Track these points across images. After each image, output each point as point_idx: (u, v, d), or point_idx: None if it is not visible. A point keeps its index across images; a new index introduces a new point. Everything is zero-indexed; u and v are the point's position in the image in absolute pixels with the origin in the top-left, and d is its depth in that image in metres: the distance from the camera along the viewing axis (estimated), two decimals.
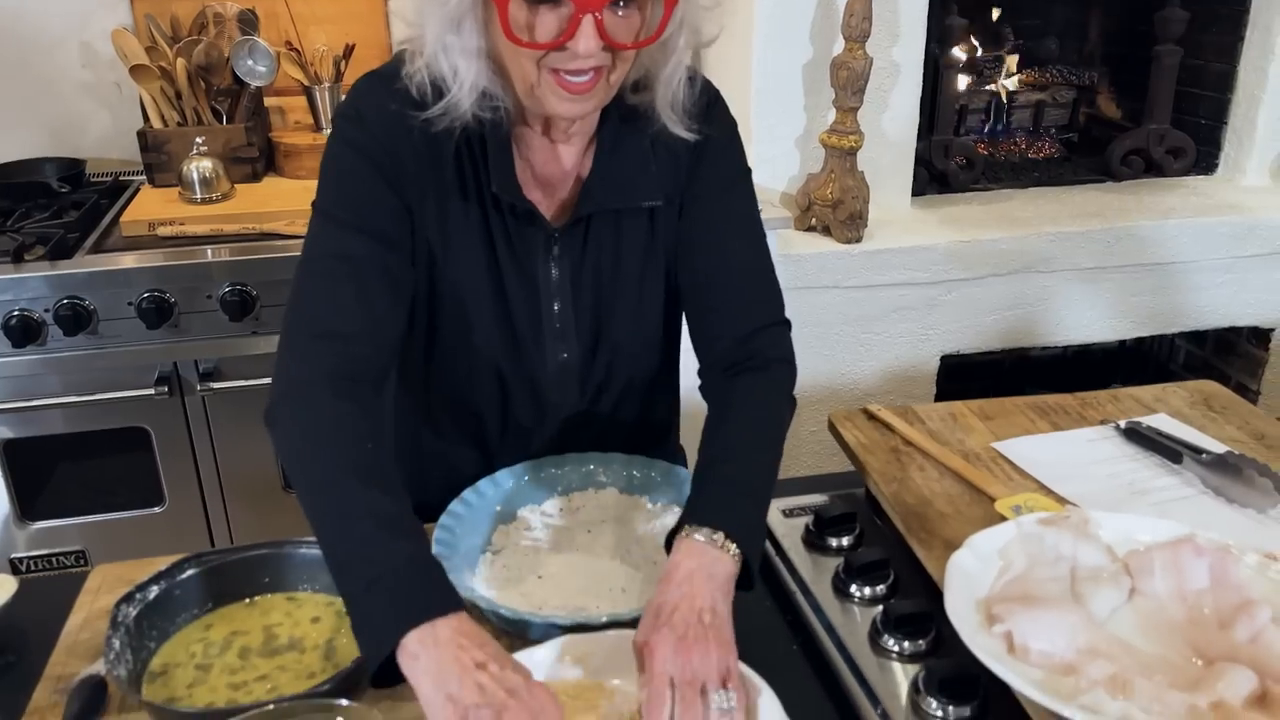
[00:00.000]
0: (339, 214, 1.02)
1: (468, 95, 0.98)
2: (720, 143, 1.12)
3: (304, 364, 0.97)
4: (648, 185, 1.10)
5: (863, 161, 2.12)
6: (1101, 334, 2.33)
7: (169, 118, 2.11)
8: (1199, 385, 1.36)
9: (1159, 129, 2.49)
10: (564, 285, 1.12)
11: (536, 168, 1.09)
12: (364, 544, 0.87)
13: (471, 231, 1.08)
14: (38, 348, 1.86)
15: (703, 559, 0.91)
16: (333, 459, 0.92)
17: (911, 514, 1.08)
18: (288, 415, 0.95)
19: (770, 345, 1.13)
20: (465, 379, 1.16)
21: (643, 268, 1.14)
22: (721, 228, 1.14)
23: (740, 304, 1.13)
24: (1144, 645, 0.88)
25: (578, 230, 1.11)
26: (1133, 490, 1.13)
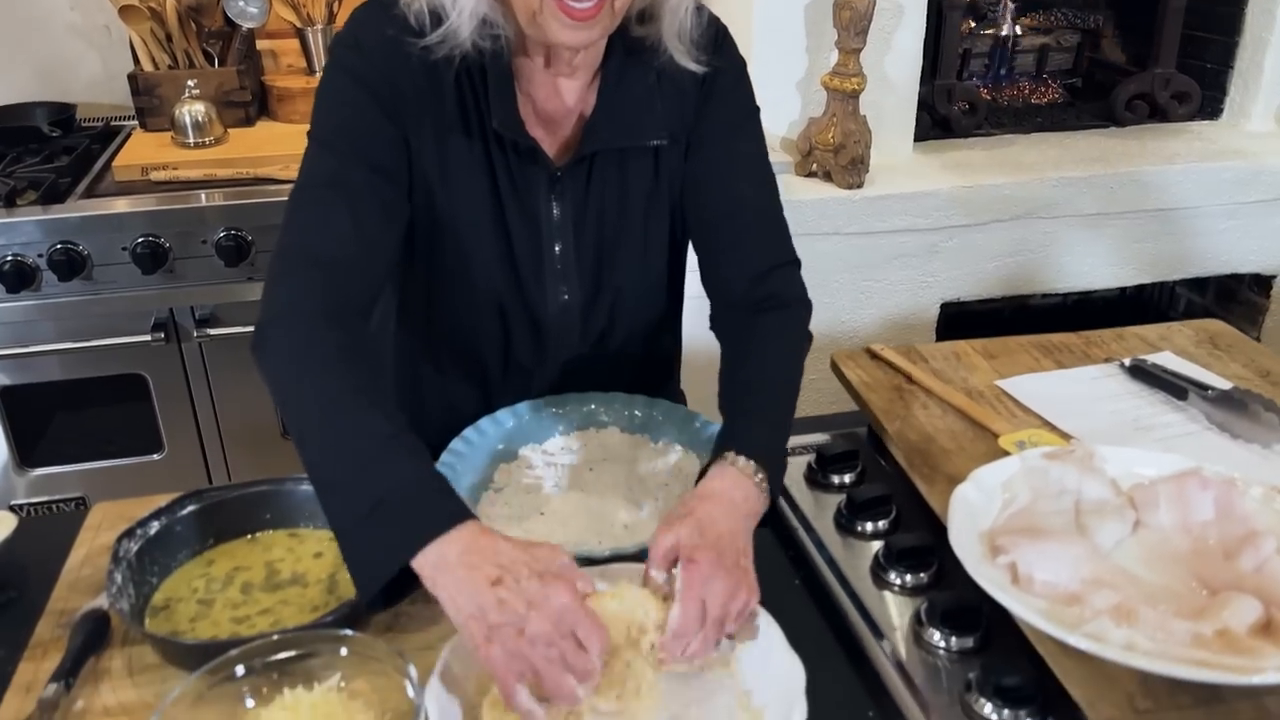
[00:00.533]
0: (334, 142, 1.00)
1: (467, 22, 0.96)
2: (729, 80, 1.10)
3: (293, 291, 0.95)
4: (653, 123, 1.08)
5: (865, 105, 2.09)
6: (1103, 280, 2.31)
7: (159, 61, 2.07)
8: (1204, 324, 1.35)
9: (1164, 73, 2.45)
10: (566, 225, 1.10)
11: (538, 103, 1.07)
12: (363, 466, 0.85)
13: (473, 166, 1.06)
14: (32, 293, 1.84)
15: (748, 493, 0.91)
16: (324, 382, 0.90)
17: (914, 450, 1.08)
18: (275, 341, 0.93)
19: (785, 285, 1.13)
20: (467, 317, 1.15)
21: (647, 208, 1.13)
22: (731, 167, 1.12)
23: (752, 244, 1.13)
24: (1149, 576, 0.88)
25: (581, 169, 1.08)
26: (1137, 426, 1.12)
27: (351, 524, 0.84)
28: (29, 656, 0.92)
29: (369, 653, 0.84)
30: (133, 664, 0.91)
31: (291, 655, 0.84)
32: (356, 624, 0.91)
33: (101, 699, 0.87)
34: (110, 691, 0.88)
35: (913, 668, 0.88)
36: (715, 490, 0.90)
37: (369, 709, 0.82)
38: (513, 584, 0.78)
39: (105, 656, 0.92)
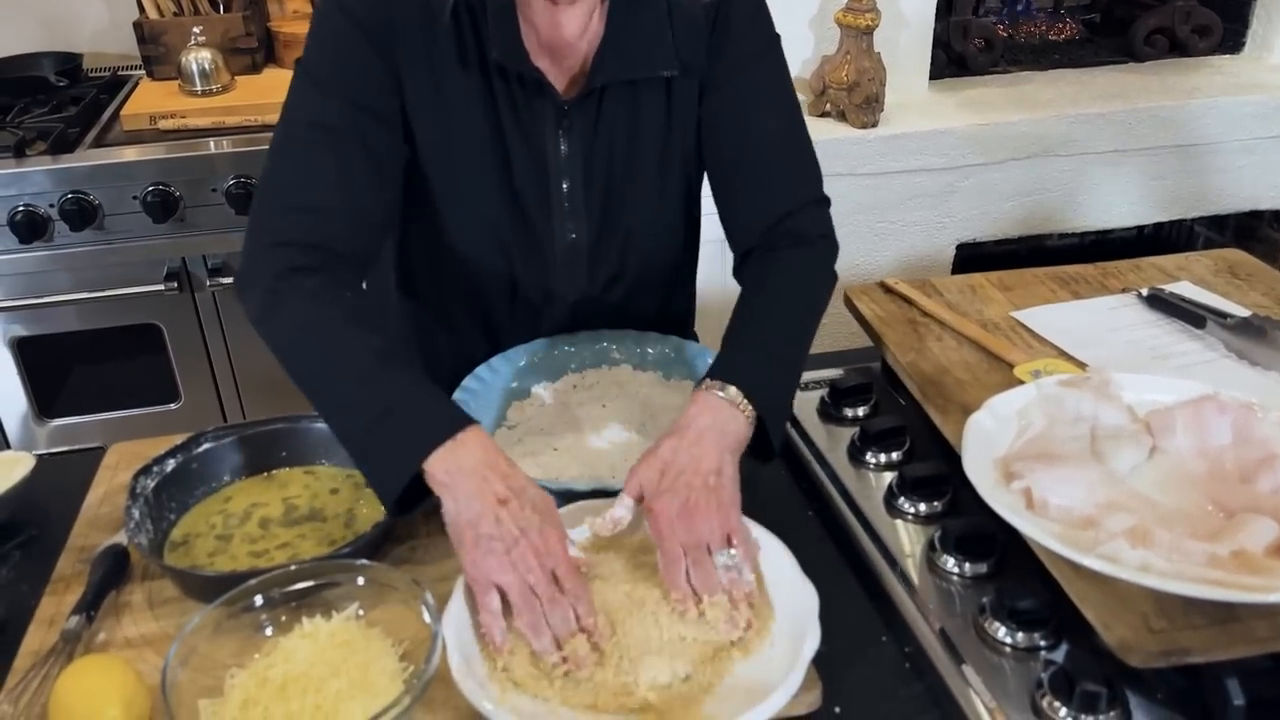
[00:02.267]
0: (322, 78, 0.99)
1: None
2: (744, 13, 1.07)
3: (279, 234, 0.95)
4: (664, 53, 1.04)
5: (879, 42, 2.06)
6: (1121, 219, 2.28)
7: (165, 8, 2.05)
8: (1223, 253, 1.33)
9: (1185, 6, 2.40)
10: (574, 162, 1.08)
11: (542, 34, 1.03)
12: (362, 380, 0.88)
13: (473, 103, 1.04)
14: (45, 244, 1.84)
15: (717, 416, 0.90)
16: (311, 312, 0.91)
17: (929, 382, 1.07)
18: (260, 280, 0.93)
19: (810, 223, 1.09)
20: (472, 258, 1.13)
21: (660, 145, 1.10)
22: (749, 103, 1.08)
23: (774, 184, 1.09)
24: (1165, 499, 0.88)
25: (589, 103, 1.06)
26: (1155, 355, 1.11)
27: (362, 436, 0.88)
28: (51, 591, 0.93)
29: (386, 582, 0.85)
30: (153, 597, 0.92)
31: (309, 585, 0.85)
32: (374, 556, 0.92)
33: (123, 630, 0.89)
34: (131, 624, 0.89)
35: (926, 593, 0.88)
36: (683, 422, 0.90)
37: (387, 637, 0.82)
38: (516, 509, 0.81)
39: (125, 591, 0.93)
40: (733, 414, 0.90)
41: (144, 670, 0.82)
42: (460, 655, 0.78)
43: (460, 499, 0.82)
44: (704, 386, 0.92)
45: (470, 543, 0.81)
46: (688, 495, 0.85)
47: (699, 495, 0.85)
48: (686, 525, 0.84)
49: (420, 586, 0.82)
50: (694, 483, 0.85)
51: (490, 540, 0.80)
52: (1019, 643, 0.83)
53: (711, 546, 0.84)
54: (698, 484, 0.85)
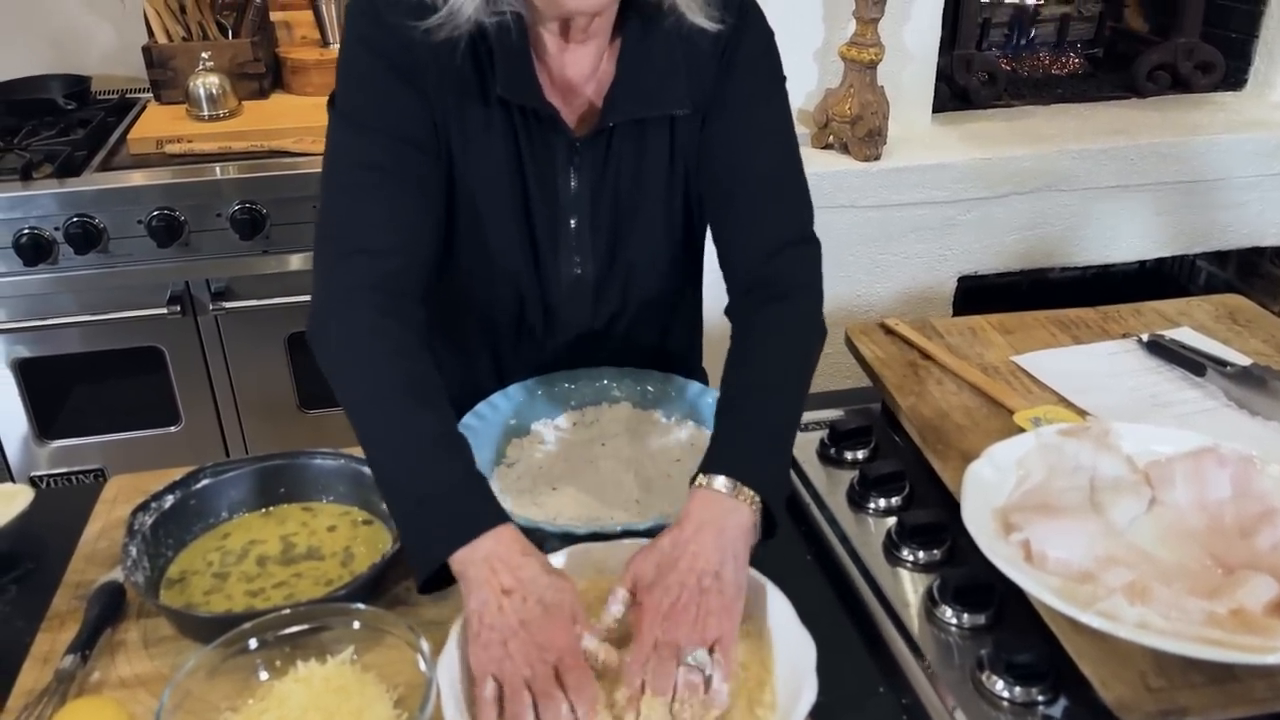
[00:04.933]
0: (360, 118, 1.00)
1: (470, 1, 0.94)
2: (754, 47, 1.07)
3: (341, 281, 0.96)
4: (675, 92, 1.05)
5: (882, 76, 2.07)
6: (1123, 254, 2.29)
7: (174, 33, 2.07)
8: (1224, 299, 1.33)
9: (1187, 43, 2.41)
10: (583, 198, 1.09)
11: (555, 73, 1.05)
12: (412, 465, 0.89)
13: (494, 135, 1.04)
14: (50, 266, 1.85)
15: (716, 510, 0.87)
16: (377, 376, 0.92)
17: (928, 426, 1.07)
18: (329, 333, 0.95)
19: (795, 268, 1.08)
20: (481, 286, 1.14)
21: (665, 181, 1.10)
22: (746, 136, 1.08)
23: (761, 217, 1.08)
24: (1164, 554, 0.87)
25: (600, 140, 1.07)
26: (1155, 403, 1.11)
27: (403, 516, 0.88)
28: (46, 628, 0.93)
29: (382, 626, 0.84)
30: (148, 636, 0.92)
31: (305, 628, 0.85)
32: (369, 598, 0.91)
33: (117, 670, 0.88)
34: (126, 663, 0.89)
35: (925, 644, 0.88)
36: (684, 518, 0.88)
37: (381, 682, 0.82)
38: (519, 600, 0.81)
39: (121, 628, 0.93)
40: (733, 506, 0.88)
41: (137, 712, 0.82)
42: (454, 702, 0.78)
43: (470, 587, 0.82)
44: (699, 482, 0.90)
45: (473, 633, 0.81)
46: (679, 594, 0.82)
47: (689, 596, 0.82)
48: (667, 624, 0.81)
49: (415, 633, 0.82)
50: (687, 581, 0.83)
51: (490, 631, 0.79)
52: (1016, 697, 0.82)
53: (683, 649, 0.80)
54: (691, 583, 0.83)
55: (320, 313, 0.96)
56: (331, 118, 1.01)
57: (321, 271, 0.98)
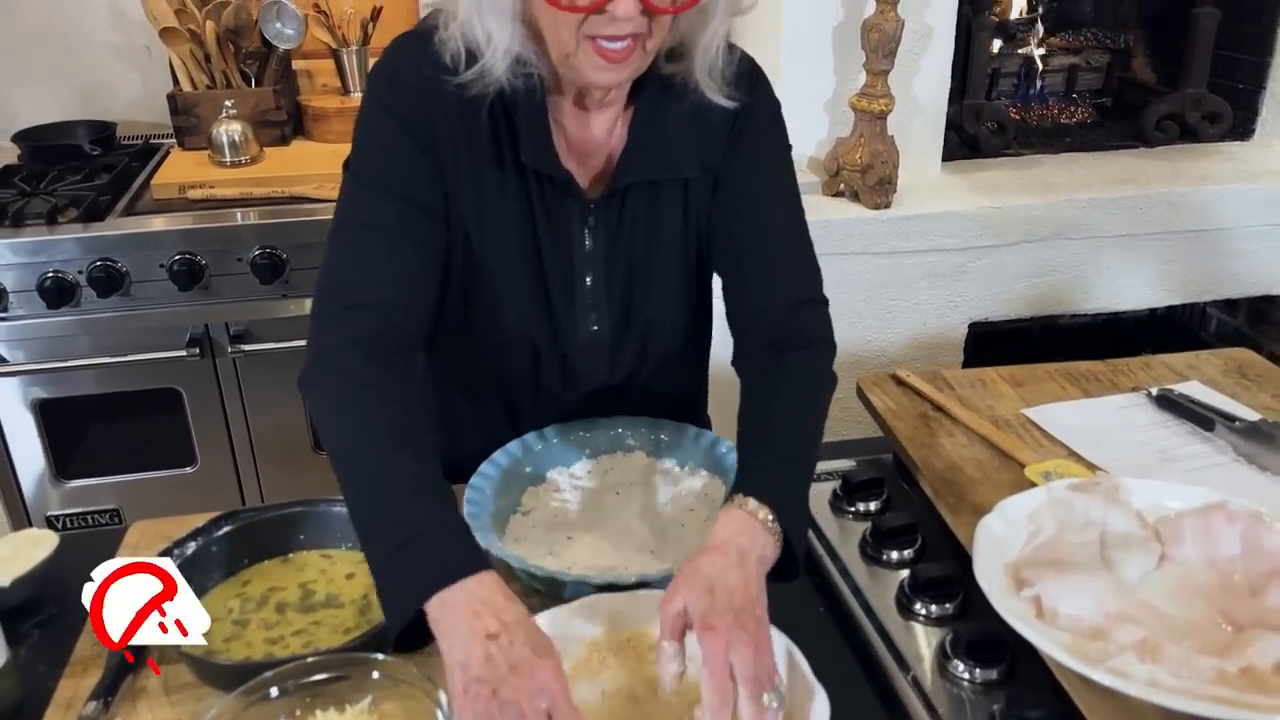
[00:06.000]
0: (371, 178, 1.03)
1: (501, 60, 0.97)
2: (763, 118, 1.11)
3: (336, 333, 0.98)
4: (685, 156, 1.08)
5: (893, 126, 2.10)
6: (1133, 302, 2.30)
7: (198, 81, 2.12)
8: (1232, 353, 1.34)
9: (1195, 93, 2.44)
10: (598, 257, 1.12)
11: (571, 136, 1.08)
12: (390, 507, 0.87)
13: (507, 198, 1.07)
14: (72, 309, 1.88)
15: (755, 538, 0.88)
16: (361, 423, 0.93)
17: (940, 479, 1.09)
18: (319, 382, 0.97)
19: (811, 323, 1.11)
20: (497, 344, 1.16)
21: (678, 241, 1.13)
22: (760, 200, 1.12)
23: (779, 277, 1.12)
24: (1174, 611, 0.88)
25: (614, 201, 1.10)
26: (1164, 457, 1.12)
27: (379, 563, 0.87)
28: (69, 674, 0.94)
29: (400, 676, 0.85)
30: (169, 682, 0.93)
31: (324, 678, 0.86)
32: (387, 647, 0.92)
33: (139, 717, 0.90)
34: (147, 710, 0.90)
35: (938, 699, 0.89)
36: (721, 539, 0.87)
37: None
38: (505, 644, 0.77)
39: (142, 675, 0.94)
40: (767, 538, 0.88)
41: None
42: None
43: (450, 636, 0.79)
44: (737, 502, 0.90)
45: (460, 688, 0.77)
46: (747, 622, 0.81)
47: (755, 625, 0.81)
48: (745, 656, 0.78)
49: (433, 682, 0.83)
50: (746, 608, 0.81)
51: (478, 684, 0.76)
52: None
53: (761, 685, 0.79)
54: (750, 611, 0.82)
55: (312, 363, 0.98)
56: (345, 178, 1.04)
57: (317, 323, 1.00)
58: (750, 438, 1.00)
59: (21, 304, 1.86)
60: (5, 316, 1.87)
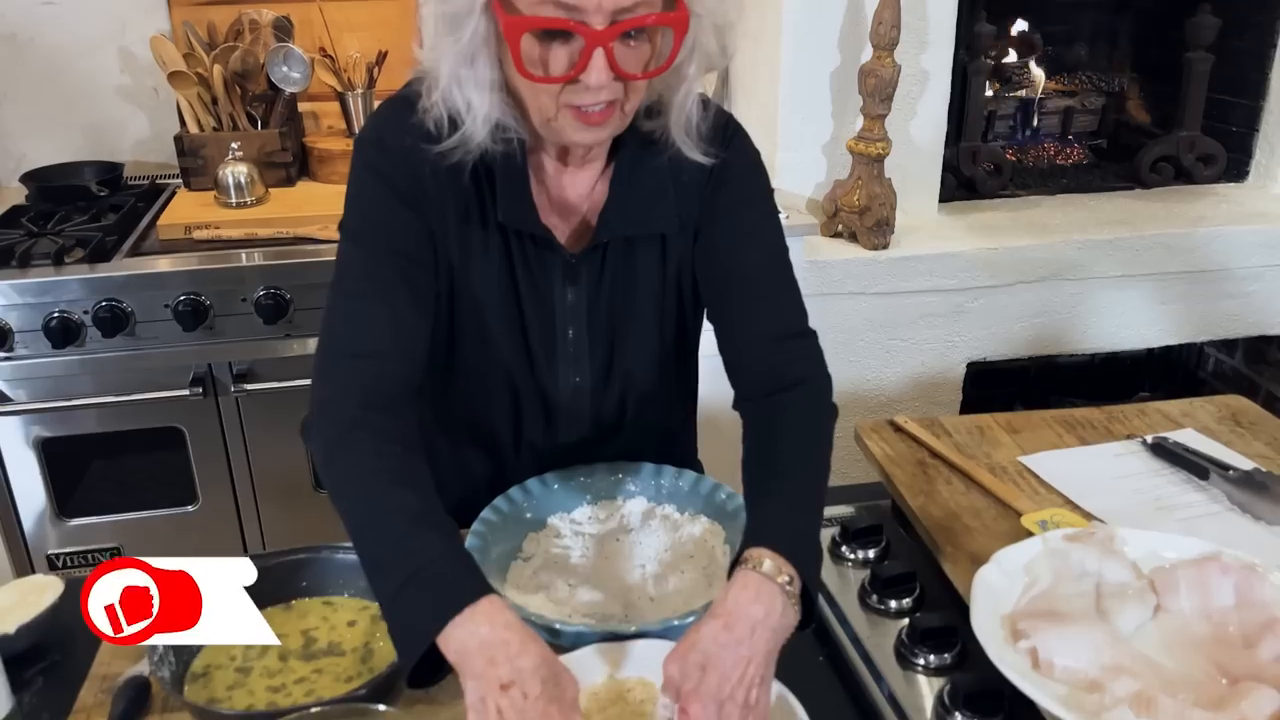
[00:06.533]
0: (364, 236, 1.06)
1: (481, 127, 1.00)
2: (739, 169, 1.13)
3: (337, 383, 1.01)
4: (665, 213, 1.11)
5: (890, 168, 2.13)
6: (1130, 342, 2.32)
7: (205, 123, 2.14)
8: (1226, 400, 1.36)
9: (1189, 136, 2.47)
10: (579, 310, 1.14)
11: (552, 194, 1.11)
12: (395, 544, 0.89)
13: (490, 256, 1.10)
14: (76, 348, 1.89)
15: (771, 606, 0.87)
16: (362, 465, 0.95)
17: (938, 527, 1.10)
18: (321, 430, 0.99)
19: (802, 357, 1.12)
20: (481, 397, 1.19)
21: (657, 293, 1.16)
22: (739, 243, 1.14)
23: (762, 312, 1.13)
24: (1169, 663, 0.89)
25: (595, 256, 1.12)
26: (1159, 506, 1.13)
27: (388, 599, 0.89)
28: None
29: None
30: None
31: None
32: (388, 696, 0.93)
33: None
34: None
35: None
36: (732, 607, 0.86)
37: None
38: (518, 696, 0.79)
39: None
40: (785, 605, 0.87)
41: None
42: None
43: (468, 682, 0.82)
44: (751, 563, 0.89)
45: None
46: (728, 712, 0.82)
47: (737, 713, 0.82)
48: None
49: None
50: (736, 695, 0.82)
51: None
52: None
53: None
54: (740, 697, 0.82)
55: (315, 413, 1.00)
56: (340, 242, 1.07)
57: (318, 374, 1.02)
58: (758, 483, 1.01)
59: (26, 343, 1.88)
60: (10, 356, 1.88)
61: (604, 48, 0.91)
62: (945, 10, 2.12)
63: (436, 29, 0.98)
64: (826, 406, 1.11)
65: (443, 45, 0.98)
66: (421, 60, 1.03)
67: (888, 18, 1.99)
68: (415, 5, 2.33)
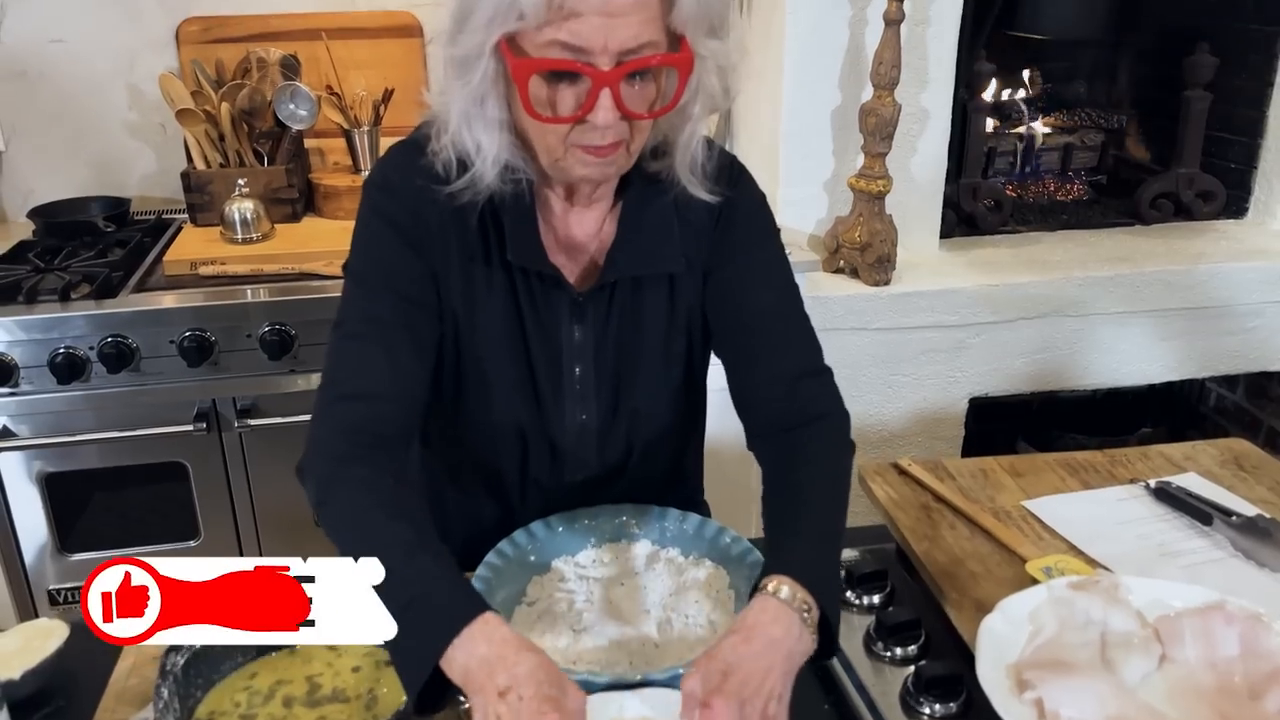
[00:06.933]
0: (368, 277, 1.07)
1: (491, 168, 1.02)
2: (746, 209, 1.14)
3: (331, 423, 1.02)
4: (671, 251, 1.12)
5: (891, 204, 2.14)
6: (1132, 378, 2.33)
7: (212, 159, 2.16)
8: (1229, 444, 1.36)
9: (1188, 173, 2.49)
10: (586, 348, 1.15)
11: (559, 233, 1.13)
12: (391, 574, 0.89)
13: (497, 295, 1.11)
14: (81, 384, 1.90)
15: (789, 629, 0.89)
16: (355, 502, 0.96)
17: (943, 573, 1.10)
18: (314, 470, 1.00)
19: (819, 395, 1.13)
20: (486, 435, 1.19)
21: (664, 332, 1.17)
22: (751, 277, 1.15)
23: (778, 353, 1.14)
24: (1174, 713, 0.89)
25: (602, 295, 1.13)
26: (1163, 552, 1.13)
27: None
28: None
29: None
30: None
31: None
32: None
33: None
34: None
35: None
36: (752, 624, 0.88)
37: None
38: (514, 699, 0.81)
39: None
40: (801, 632, 0.89)
41: None
42: None
43: (474, 699, 0.84)
44: (770, 589, 0.91)
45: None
46: (748, 715, 0.82)
47: (757, 716, 0.83)
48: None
49: None
50: (756, 701, 0.83)
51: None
52: None
53: None
54: (759, 705, 0.83)
55: (309, 452, 1.01)
56: (345, 281, 1.09)
57: (317, 414, 1.03)
58: (777, 516, 1.03)
59: (31, 379, 1.88)
60: (15, 392, 1.88)
61: (610, 88, 0.93)
62: (945, 49, 2.14)
63: (447, 72, 1.01)
64: (845, 442, 1.12)
65: (453, 88, 1.00)
66: (431, 104, 1.05)
67: (888, 58, 2.01)
68: (420, 45, 2.37)
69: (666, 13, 0.94)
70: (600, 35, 0.91)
